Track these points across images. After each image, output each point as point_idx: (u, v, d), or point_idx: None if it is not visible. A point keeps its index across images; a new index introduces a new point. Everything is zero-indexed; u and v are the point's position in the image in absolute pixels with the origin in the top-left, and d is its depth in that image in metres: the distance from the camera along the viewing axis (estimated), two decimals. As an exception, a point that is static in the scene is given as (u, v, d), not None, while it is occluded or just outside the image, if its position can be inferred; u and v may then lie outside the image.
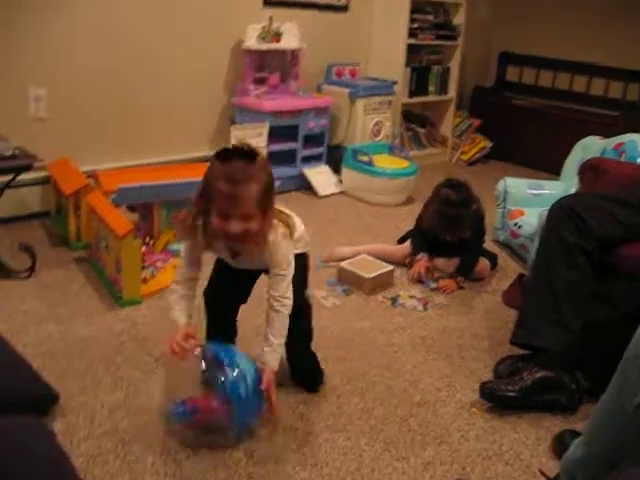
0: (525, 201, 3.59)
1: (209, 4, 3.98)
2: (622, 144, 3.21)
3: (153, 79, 3.85)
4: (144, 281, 2.79)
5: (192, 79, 4.03)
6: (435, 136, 5.52)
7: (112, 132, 3.75)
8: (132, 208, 3.26)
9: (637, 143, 3.10)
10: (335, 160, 4.47)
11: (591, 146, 3.51)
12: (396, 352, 2.49)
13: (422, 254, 3.16)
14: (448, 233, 3.10)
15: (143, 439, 1.92)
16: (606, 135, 3.54)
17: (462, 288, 3.08)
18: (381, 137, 4.69)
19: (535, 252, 2.47)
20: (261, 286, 2.09)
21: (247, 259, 1.94)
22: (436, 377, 2.35)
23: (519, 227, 3.44)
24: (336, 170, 4.45)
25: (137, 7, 3.71)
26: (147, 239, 3.06)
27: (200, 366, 1.93)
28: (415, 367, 2.40)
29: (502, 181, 3.69)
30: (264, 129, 3.98)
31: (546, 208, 2.46)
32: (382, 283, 3.00)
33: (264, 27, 4.16)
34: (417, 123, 5.48)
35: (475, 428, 2.09)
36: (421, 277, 3.10)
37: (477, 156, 5.53)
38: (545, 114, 5.54)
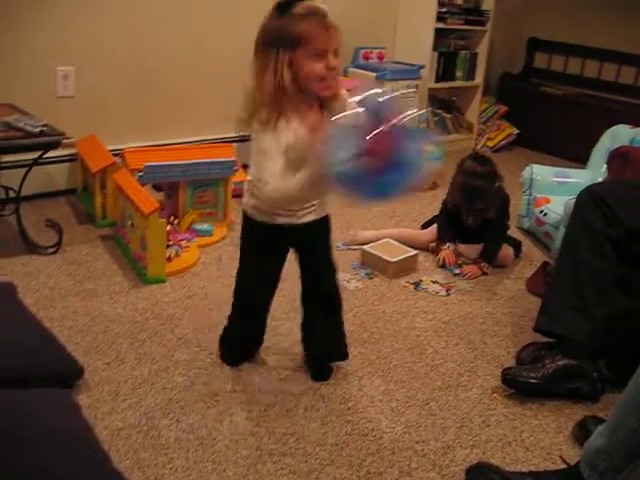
0: (551, 189, 3.56)
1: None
2: (652, 132, 3.18)
3: (181, 59, 3.84)
4: (169, 260, 2.80)
5: (220, 60, 4.02)
6: (461, 122, 5.47)
7: (139, 111, 3.76)
8: (158, 187, 3.29)
9: (667, 132, 3.07)
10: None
11: (620, 134, 3.47)
12: (418, 336, 2.50)
13: (448, 244, 3.16)
14: (471, 208, 3.07)
15: (166, 414, 1.94)
16: (635, 124, 3.50)
17: (485, 274, 3.07)
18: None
19: (561, 240, 2.45)
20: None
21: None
22: (458, 362, 2.35)
23: (544, 215, 3.42)
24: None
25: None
26: (172, 218, 3.07)
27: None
28: (437, 352, 2.41)
29: (528, 168, 3.65)
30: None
31: (572, 196, 2.44)
32: (406, 268, 2.99)
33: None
34: (444, 108, 5.43)
35: (496, 414, 2.09)
36: (446, 263, 3.10)
37: (503, 143, 5.48)
38: (573, 102, 5.48)
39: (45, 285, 2.62)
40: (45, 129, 2.75)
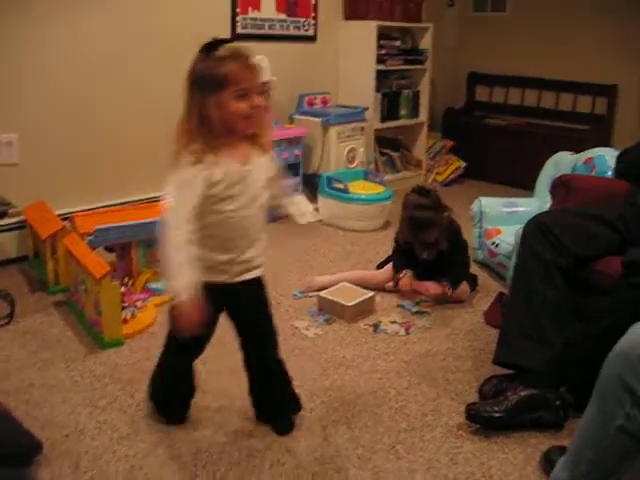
0: (501, 219, 3.62)
1: (178, 41, 3.99)
2: (592, 159, 3.25)
3: (125, 117, 3.85)
4: (125, 322, 2.77)
5: (165, 117, 4.00)
6: (409, 159, 5.56)
7: (86, 174, 3.75)
8: (109, 249, 3.25)
9: (606, 157, 3.14)
10: (311, 189, 4.48)
11: (562, 162, 3.55)
12: (380, 379, 2.49)
13: (405, 270, 3.17)
14: (422, 241, 3.10)
15: (129, 484, 1.90)
16: (578, 149, 3.59)
17: (445, 294, 3.10)
18: (356, 164, 4.72)
19: (513, 270, 2.49)
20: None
21: (257, 165, 1.87)
22: (422, 402, 2.35)
23: (496, 246, 3.47)
24: (312, 199, 4.46)
25: (106, 49, 3.73)
26: (126, 279, 3.05)
27: None
28: (400, 393, 2.40)
29: (477, 201, 3.72)
30: (238, 162, 4.00)
31: (522, 225, 2.48)
32: (363, 310, 3.00)
33: (233, 61, 4.18)
34: (391, 148, 5.52)
35: (463, 451, 2.09)
36: (405, 288, 3.13)
37: (452, 177, 5.58)
38: (516, 132, 5.62)
39: (-1, 358, 2.57)
40: (-10, 200, 2.72)
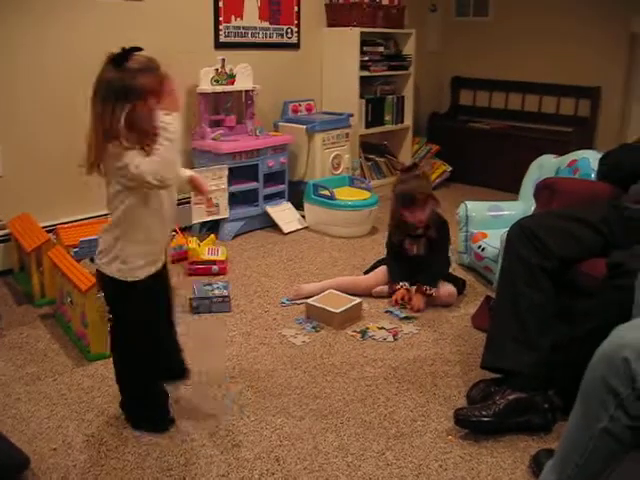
0: (486, 223, 3.63)
1: (160, 50, 3.98)
2: (575, 161, 3.27)
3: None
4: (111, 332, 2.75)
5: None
6: (395, 164, 5.57)
7: (70, 185, 3.72)
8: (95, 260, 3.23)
9: (590, 160, 3.16)
10: (297, 196, 4.49)
11: (546, 165, 3.57)
12: (369, 386, 2.49)
13: (402, 283, 3.20)
14: (412, 223, 3.18)
15: (118, 497, 1.89)
16: (562, 151, 3.61)
17: (430, 296, 3.13)
18: (341, 170, 4.73)
19: (498, 274, 2.49)
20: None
21: None
22: (410, 408, 2.35)
23: (482, 249, 3.48)
24: (298, 206, 4.47)
25: (90, 57, 3.70)
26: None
27: None
28: (389, 399, 2.40)
29: (463, 205, 3.73)
30: (224, 172, 4.00)
31: (507, 229, 2.49)
32: (351, 317, 3.00)
33: (217, 70, 4.20)
34: (376, 153, 5.53)
35: (452, 456, 2.09)
36: (402, 301, 3.17)
37: (438, 181, 5.59)
38: (501, 135, 5.65)
39: (-15, 373, 2.55)
40: (-27, 214, 2.70)
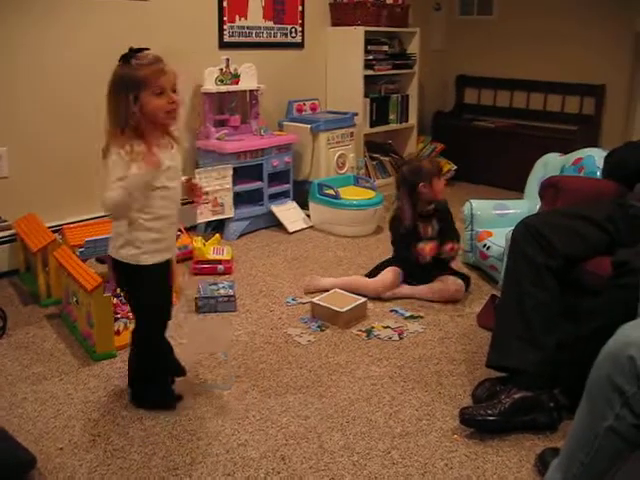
0: (492, 222, 3.63)
1: (164, 51, 4.00)
2: (581, 159, 3.26)
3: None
4: (117, 333, 2.77)
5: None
6: (399, 163, 5.56)
7: (76, 186, 3.74)
8: (101, 260, 3.25)
9: (595, 158, 3.15)
10: (302, 196, 4.49)
11: (551, 163, 3.56)
12: (374, 384, 2.49)
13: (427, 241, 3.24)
14: (432, 187, 3.24)
15: (124, 496, 1.90)
16: (567, 149, 3.60)
17: (440, 255, 3.22)
18: (346, 169, 4.73)
19: (503, 273, 2.49)
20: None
21: (176, 153, 2.19)
22: (416, 407, 2.35)
23: (488, 248, 3.48)
24: (303, 205, 4.47)
25: (93, 57, 3.73)
26: (118, 290, 3.04)
27: None
28: (394, 398, 2.40)
29: (468, 204, 3.72)
30: (228, 171, 4.00)
31: (512, 228, 2.48)
32: (356, 316, 3.00)
33: (222, 70, 4.20)
34: (381, 152, 5.53)
35: (458, 455, 2.09)
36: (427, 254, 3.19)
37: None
38: (505, 133, 5.64)
39: (-9, 373, 2.56)
40: (-21, 214, 2.72)
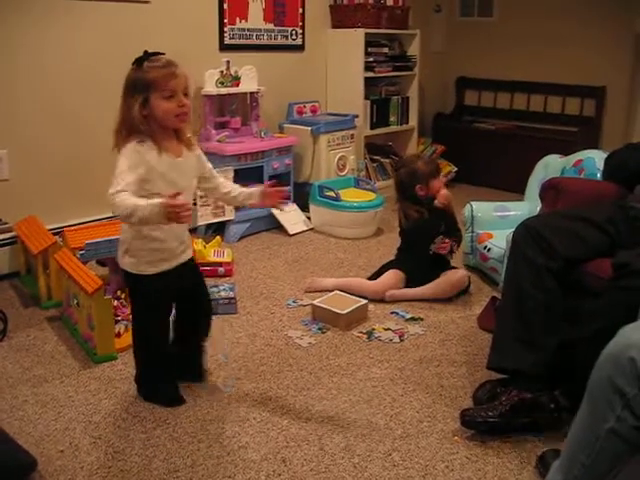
0: (492, 224, 3.63)
1: (167, 54, 4.00)
2: (581, 161, 3.27)
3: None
4: (118, 335, 2.77)
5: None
6: (397, 166, 5.56)
7: (76, 188, 3.75)
8: (101, 262, 3.25)
9: (595, 160, 3.15)
10: (302, 198, 4.49)
11: (552, 164, 3.56)
12: (375, 387, 2.49)
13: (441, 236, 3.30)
14: (429, 188, 3.33)
15: (125, 499, 1.90)
16: (567, 151, 3.60)
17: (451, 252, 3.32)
18: (346, 171, 4.73)
19: (504, 275, 2.49)
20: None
21: (187, 161, 2.18)
22: (417, 408, 2.35)
23: (488, 250, 3.48)
24: (304, 208, 4.47)
25: (94, 60, 3.73)
26: (119, 292, 3.05)
27: None
28: (395, 400, 2.40)
29: (468, 206, 3.72)
30: (229, 173, 4.00)
31: (513, 229, 2.48)
32: (357, 318, 3.00)
33: (222, 72, 4.20)
34: (381, 154, 5.53)
35: (459, 457, 2.09)
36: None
37: (443, 181, 5.57)
38: (506, 135, 5.65)
39: (-8, 376, 2.56)
40: (-20, 217, 2.72)
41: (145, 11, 3.93)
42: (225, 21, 4.39)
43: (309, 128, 4.56)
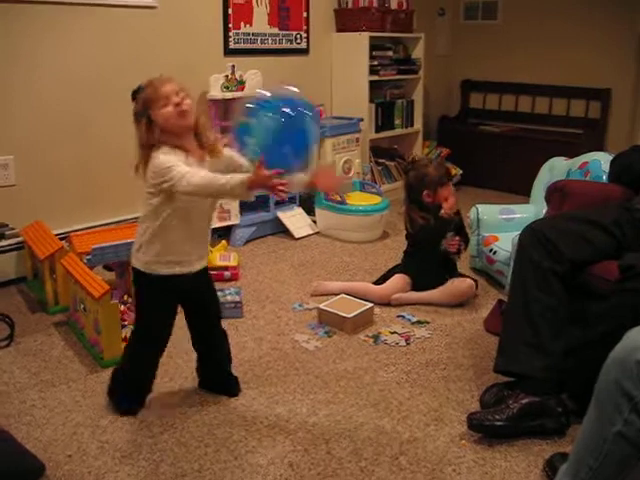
0: (498, 227, 3.63)
1: (171, 58, 4.02)
2: (587, 163, 3.26)
3: (120, 136, 3.86)
4: (125, 340, 2.76)
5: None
6: (407, 167, 5.56)
7: (82, 193, 3.76)
8: (108, 267, 3.26)
9: (601, 162, 3.15)
10: (308, 201, 4.49)
11: (557, 167, 3.56)
12: (382, 390, 2.49)
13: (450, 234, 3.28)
14: (437, 195, 3.27)
15: (133, 503, 1.90)
16: (572, 153, 3.60)
17: (459, 251, 3.29)
18: (352, 175, 4.74)
19: (510, 278, 2.49)
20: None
21: (212, 165, 2.15)
22: (424, 412, 2.35)
23: (494, 253, 3.47)
24: (309, 211, 4.47)
25: (100, 67, 3.75)
26: (125, 297, 3.05)
27: None
28: (402, 404, 2.40)
29: (474, 209, 3.72)
30: (234, 177, 4.01)
31: (519, 232, 2.48)
32: (363, 322, 3.00)
33: (227, 76, 4.21)
34: (386, 157, 5.53)
35: (466, 461, 2.08)
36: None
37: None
38: (511, 137, 5.65)
39: (-1, 381, 2.57)
40: (-13, 222, 2.73)
41: (151, 17, 3.94)
42: (230, 26, 4.40)
43: (314, 132, 4.56)
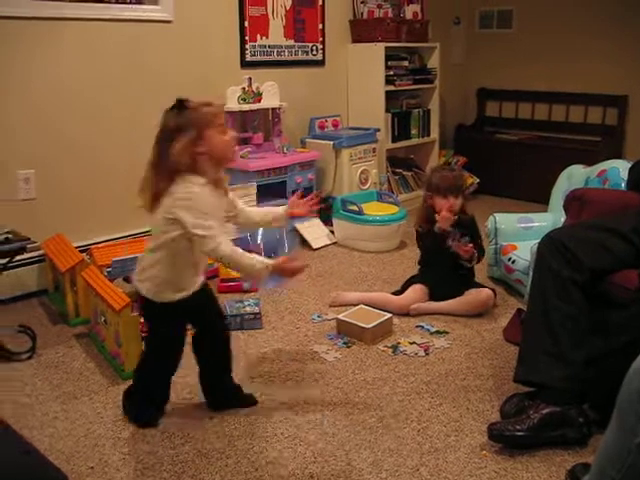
0: (516, 235, 3.62)
1: (189, 71, 4.06)
2: (605, 171, 3.25)
3: (139, 150, 3.89)
4: (145, 352, 2.79)
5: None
6: (422, 178, 5.57)
7: (102, 206, 3.79)
8: (128, 279, 3.28)
9: (619, 169, 3.14)
10: (325, 212, 4.50)
11: (575, 175, 3.55)
12: (402, 401, 2.49)
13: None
14: (446, 201, 3.27)
15: (155, 515, 1.91)
16: (590, 161, 3.59)
17: (471, 259, 3.24)
18: (369, 185, 4.75)
19: (529, 287, 2.48)
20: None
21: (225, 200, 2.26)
22: (444, 422, 2.35)
23: (513, 262, 3.46)
24: (327, 222, 4.48)
25: (119, 80, 3.79)
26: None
27: None
28: (422, 414, 2.40)
29: (491, 217, 3.71)
30: (251, 189, 4.03)
31: (537, 241, 2.48)
32: (382, 332, 3.00)
33: (244, 88, 4.24)
34: (403, 167, 5.54)
35: (487, 472, 2.07)
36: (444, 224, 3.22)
37: (466, 193, 5.56)
38: (528, 146, 5.63)
39: (22, 393, 2.58)
40: (10, 236, 2.76)
41: (169, 30, 3.98)
42: (246, 38, 4.43)
43: (331, 142, 4.58)
